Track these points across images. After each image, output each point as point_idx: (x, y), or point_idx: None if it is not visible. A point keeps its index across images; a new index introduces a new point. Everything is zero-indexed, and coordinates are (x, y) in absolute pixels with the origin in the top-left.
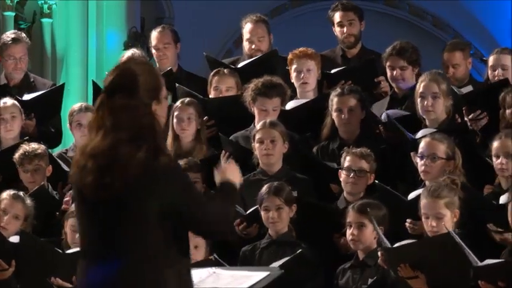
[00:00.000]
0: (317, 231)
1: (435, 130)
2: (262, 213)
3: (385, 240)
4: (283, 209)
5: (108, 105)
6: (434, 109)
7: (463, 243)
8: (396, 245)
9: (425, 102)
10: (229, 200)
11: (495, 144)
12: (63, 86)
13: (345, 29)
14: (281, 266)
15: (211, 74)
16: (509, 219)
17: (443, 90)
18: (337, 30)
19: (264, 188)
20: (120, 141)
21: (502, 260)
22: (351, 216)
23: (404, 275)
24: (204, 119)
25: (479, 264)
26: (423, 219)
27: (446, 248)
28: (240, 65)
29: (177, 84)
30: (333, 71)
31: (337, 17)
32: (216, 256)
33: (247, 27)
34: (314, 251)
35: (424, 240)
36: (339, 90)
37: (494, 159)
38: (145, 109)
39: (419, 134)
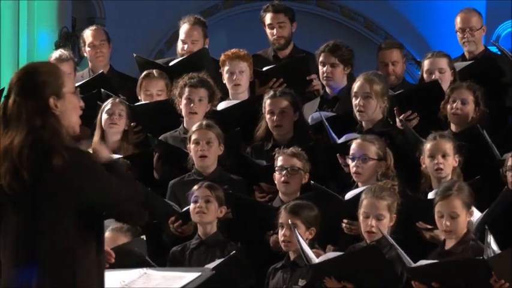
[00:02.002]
0: (252, 230)
1: (359, 135)
2: (191, 205)
3: (306, 251)
4: (212, 202)
5: (4, 106)
6: (365, 109)
7: (397, 245)
8: (319, 259)
9: (357, 102)
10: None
11: (429, 144)
12: (2, 90)
13: (275, 31)
14: (214, 268)
15: (141, 76)
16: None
17: (377, 91)
18: (267, 31)
19: (197, 184)
20: (13, 141)
21: (436, 260)
22: (283, 217)
23: (330, 286)
24: (132, 124)
25: (413, 265)
26: (362, 218)
27: (371, 260)
28: (171, 63)
29: (102, 90)
30: (264, 69)
31: (267, 18)
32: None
33: (183, 28)
34: (245, 251)
35: (349, 254)
36: (271, 92)
37: (427, 159)
38: (41, 107)
39: (342, 139)
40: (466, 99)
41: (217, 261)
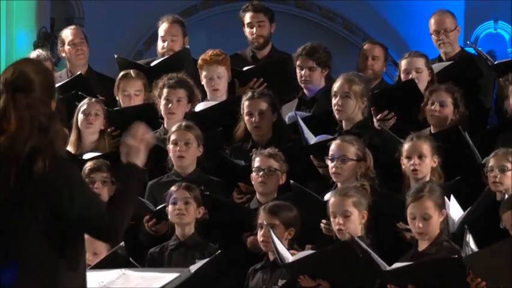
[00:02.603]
0: (229, 231)
1: (331, 137)
2: (170, 207)
3: (281, 251)
4: (191, 203)
5: (15, 105)
6: (343, 109)
7: (369, 249)
8: (293, 258)
9: (336, 101)
10: (129, 192)
11: (406, 145)
12: None
13: (254, 30)
14: (200, 269)
15: (118, 77)
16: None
17: (356, 92)
18: (246, 31)
19: (174, 185)
20: (12, 146)
21: (410, 263)
22: (262, 217)
23: (305, 285)
24: (109, 130)
25: (388, 268)
26: (331, 218)
27: (345, 257)
28: (153, 63)
29: (79, 93)
30: (244, 69)
31: (247, 17)
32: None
33: (162, 27)
34: (224, 252)
35: (322, 252)
36: (249, 93)
37: (405, 160)
38: (45, 108)
39: (314, 140)
40: (445, 101)
41: (202, 262)
